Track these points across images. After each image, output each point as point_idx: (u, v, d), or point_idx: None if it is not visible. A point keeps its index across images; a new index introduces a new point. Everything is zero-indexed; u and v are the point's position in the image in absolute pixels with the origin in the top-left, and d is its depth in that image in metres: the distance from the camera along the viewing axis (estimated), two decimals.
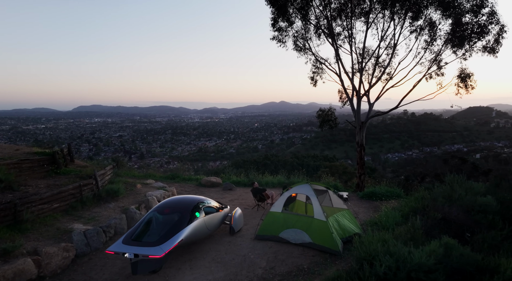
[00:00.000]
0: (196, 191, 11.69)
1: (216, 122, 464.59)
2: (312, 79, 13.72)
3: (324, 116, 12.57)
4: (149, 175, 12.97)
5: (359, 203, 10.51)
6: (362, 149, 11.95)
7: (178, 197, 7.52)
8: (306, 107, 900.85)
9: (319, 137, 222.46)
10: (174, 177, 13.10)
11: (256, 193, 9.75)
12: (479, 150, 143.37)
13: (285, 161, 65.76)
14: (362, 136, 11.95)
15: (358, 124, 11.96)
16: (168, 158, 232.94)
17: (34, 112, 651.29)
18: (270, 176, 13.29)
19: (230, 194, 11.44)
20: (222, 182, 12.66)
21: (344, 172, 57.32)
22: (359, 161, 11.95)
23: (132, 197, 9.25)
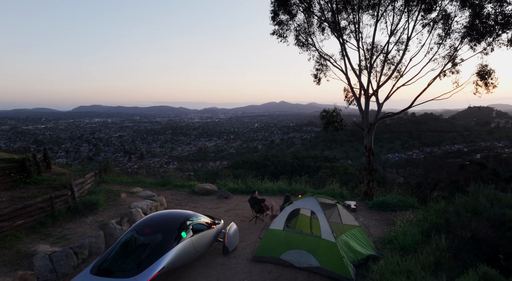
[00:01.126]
0: (188, 199, 10.63)
1: (216, 122, 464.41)
2: (315, 77, 12.67)
3: (328, 118, 11.51)
4: (138, 181, 11.92)
5: (369, 214, 9.46)
6: (371, 153, 10.90)
7: (162, 213, 6.46)
8: (306, 107, 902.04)
9: (319, 137, 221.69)
10: (166, 184, 12.05)
11: (254, 203, 8.70)
12: (480, 150, 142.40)
13: (285, 162, 64.66)
14: (370, 139, 10.90)
15: (367, 126, 10.91)
16: (168, 158, 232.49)
17: (34, 112, 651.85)
18: (269, 182, 12.22)
19: (226, 203, 10.39)
20: (218, 189, 11.60)
21: (345, 172, 56.24)
22: (367, 167, 10.89)
23: (114, 208, 8.20)
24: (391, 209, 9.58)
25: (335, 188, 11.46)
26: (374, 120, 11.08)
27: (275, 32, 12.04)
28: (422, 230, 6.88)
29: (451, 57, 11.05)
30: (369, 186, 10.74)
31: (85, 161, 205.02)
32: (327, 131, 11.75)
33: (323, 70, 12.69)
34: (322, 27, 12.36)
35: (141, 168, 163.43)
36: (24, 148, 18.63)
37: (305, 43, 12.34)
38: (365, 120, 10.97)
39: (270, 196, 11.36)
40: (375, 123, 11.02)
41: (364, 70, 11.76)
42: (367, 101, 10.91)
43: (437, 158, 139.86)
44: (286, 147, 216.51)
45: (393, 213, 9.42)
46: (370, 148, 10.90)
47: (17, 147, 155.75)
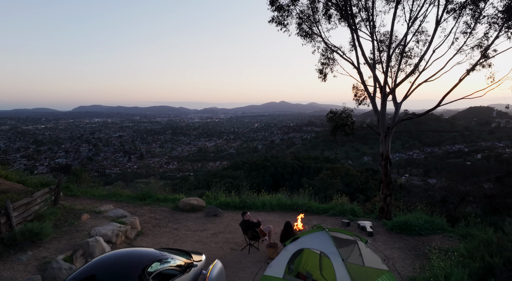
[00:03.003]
0: (169, 218, 8.84)
1: (216, 122, 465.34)
2: (320, 73, 10.86)
3: (337, 120, 9.69)
4: (114, 195, 10.13)
5: (389, 239, 7.67)
6: (388, 162, 9.10)
7: (116, 254, 4.65)
8: (306, 107, 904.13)
9: (319, 137, 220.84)
10: (146, 197, 10.26)
11: (247, 228, 6.93)
12: (480, 150, 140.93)
13: (285, 163, 62.81)
14: (387, 146, 9.12)
15: (383, 130, 9.12)
16: (167, 158, 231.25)
17: (34, 112, 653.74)
18: (268, 195, 10.41)
19: (215, 223, 8.60)
20: (206, 205, 9.80)
21: (347, 174, 54.56)
22: (383, 178, 9.10)
23: (67, 237, 6.42)
24: (416, 232, 7.78)
25: (345, 202, 9.66)
26: (391, 123, 9.29)
27: (274, 19, 10.26)
28: (470, 272, 5.11)
29: (483, 48, 9.27)
30: (386, 202, 8.93)
31: (84, 161, 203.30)
32: (336, 136, 9.93)
33: (329, 65, 10.90)
34: (329, 15, 10.59)
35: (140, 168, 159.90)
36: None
37: (309, 33, 10.56)
38: (381, 123, 9.16)
39: (268, 212, 9.58)
40: (393, 127, 9.21)
41: (378, 64, 9.99)
42: (383, 100, 9.11)
43: (437, 158, 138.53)
44: (286, 147, 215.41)
45: (419, 238, 7.64)
46: (387, 156, 9.10)
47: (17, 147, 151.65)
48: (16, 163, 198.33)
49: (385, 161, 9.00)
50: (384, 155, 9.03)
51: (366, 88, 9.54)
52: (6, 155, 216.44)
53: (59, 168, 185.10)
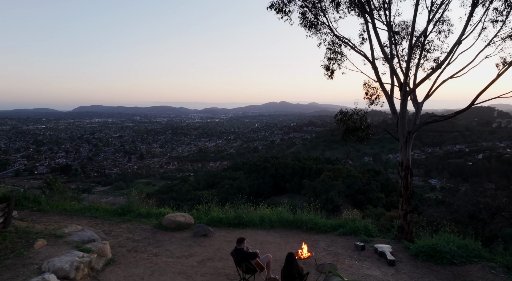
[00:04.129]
0: (150, 240, 7.42)
1: (217, 122, 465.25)
2: (327, 69, 9.49)
3: (347, 122, 8.29)
4: (89, 209, 8.72)
5: (415, 269, 6.23)
6: (409, 172, 7.68)
7: None
8: (307, 107, 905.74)
9: (320, 137, 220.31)
10: (125, 212, 8.83)
11: (241, 259, 5.52)
12: (481, 150, 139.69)
13: (286, 164, 61.45)
14: (408, 153, 7.71)
15: (403, 135, 7.72)
16: (168, 158, 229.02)
17: (34, 112, 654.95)
18: (267, 209, 8.99)
19: (203, 246, 7.17)
20: (195, 222, 8.39)
21: (348, 175, 53.16)
22: (403, 192, 7.68)
23: (8, 275, 5.00)
24: (448, 261, 6.34)
25: (356, 218, 8.25)
26: (411, 126, 7.88)
27: (273, 6, 8.88)
28: None
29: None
30: (407, 219, 7.50)
31: (84, 161, 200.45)
32: (347, 142, 8.51)
33: (337, 60, 9.53)
34: (337, 2, 9.21)
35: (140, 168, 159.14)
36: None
37: (314, 23, 9.18)
38: (400, 126, 7.76)
39: (267, 230, 8.17)
40: (414, 131, 7.81)
41: (395, 58, 8.61)
42: (404, 99, 7.68)
43: (438, 158, 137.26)
44: (286, 147, 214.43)
45: (452, 268, 6.21)
46: (408, 165, 7.68)
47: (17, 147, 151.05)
48: (16, 163, 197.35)
49: (405, 171, 7.58)
50: (404, 164, 7.61)
51: (383, 85, 8.14)
52: (6, 155, 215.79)
53: (59, 168, 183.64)
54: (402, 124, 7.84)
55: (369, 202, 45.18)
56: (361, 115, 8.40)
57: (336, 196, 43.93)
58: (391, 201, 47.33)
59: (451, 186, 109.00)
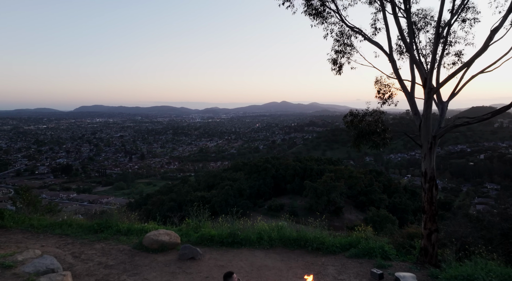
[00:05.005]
0: (126, 264, 6.23)
1: (218, 122, 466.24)
2: (334, 63, 8.39)
3: (359, 125, 7.18)
4: (60, 225, 7.59)
5: None
6: (433, 184, 6.51)
7: None
8: (308, 107, 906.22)
9: (321, 137, 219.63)
10: (103, 228, 7.66)
11: None
12: (483, 150, 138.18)
13: (287, 165, 60.32)
14: (432, 161, 6.55)
15: (427, 140, 6.56)
16: (168, 158, 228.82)
17: (36, 112, 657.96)
18: (266, 224, 7.82)
19: (189, 273, 6.00)
20: (182, 240, 7.26)
21: (350, 176, 52.10)
22: (427, 207, 6.50)
23: None
24: None
25: (370, 236, 7.10)
26: (436, 129, 6.71)
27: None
28: None
29: None
30: (431, 240, 6.32)
31: (85, 161, 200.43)
32: (359, 148, 7.35)
33: (345, 53, 8.41)
34: None
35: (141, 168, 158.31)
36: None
37: (320, 11, 8.04)
38: (424, 130, 6.56)
39: (266, 250, 7.04)
40: (440, 136, 6.64)
41: (407, 52, 7.47)
42: (428, 98, 6.48)
43: (440, 158, 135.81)
44: (287, 147, 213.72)
45: None
46: (432, 175, 6.50)
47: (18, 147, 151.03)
48: (17, 163, 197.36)
49: (430, 183, 6.39)
50: (429, 175, 6.40)
51: (402, 81, 6.96)
52: (8, 155, 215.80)
53: (60, 168, 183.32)
54: (426, 127, 6.58)
55: (371, 204, 44.15)
56: (377, 116, 7.19)
57: (338, 197, 42.90)
58: (393, 203, 46.22)
59: (453, 186, 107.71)
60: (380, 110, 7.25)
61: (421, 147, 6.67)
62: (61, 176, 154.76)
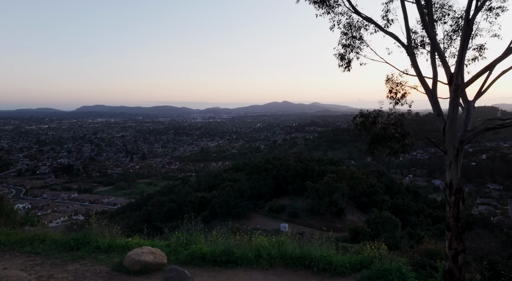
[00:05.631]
0: None
1: (219, 122, 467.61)
2: (341, 59, 7.60)
3: (373, 128, 6.33)
4: (31, 240, 6.64)
5: None
6: (460, 197, 5.58)
7: None
8: (309, 107, 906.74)
9: (322, 137, 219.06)
10: (79, 245, 6.62)
11: None
12: (485, 150, 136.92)
13: (288, 165, 59.52)
14: (459, 170, 5.65)
15: (452, 145, 5.63)
16: (170, 158, 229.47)
17: (37, 112, 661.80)
18: (264, 239, 6.90)
19: None
20: (168, 259, 6.38)
21: (352, 177, 51.25)
22: (452, 224, 5.55)
23: None
24: None
25: (384, 254, 6.19)
26: (462, 133, 5.77)
27: None
28: None
29: None
30: (457, 262, 5.39)
31: (86, 161, 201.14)
32: (375, 155, 6.43)
33: (354, 47, 7.56)
34: None
35: (142, 168, 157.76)
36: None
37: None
38: (449, 134, 5.60)
39: (264, 271, 6.13)
40: (468, 141, 5.69)
41: (427, 45, 6.61)
42: (455, 97, 5.50)
43: (441, 159, 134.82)
44: (288, 147, 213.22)
45: None
46: (459, 187, 5.58)
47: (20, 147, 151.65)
48: (18, 163, 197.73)
49: (456, 196, 5.46)
50: (455, 187, 5.47)
51: (422, 78, 6.01)
52: (9, 155, 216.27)
53: (61, 168, 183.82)
54: (451, 131, 5.69)
55: (373, 205, 43.38)
56: (395, 119, 6.21)
57: (340, 199, 42.11)
58: (396, 204, 45.37)
59: None
60: (400, 112, 6.34)
61: (445, 154, 5.72)
62: (62, 176, 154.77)
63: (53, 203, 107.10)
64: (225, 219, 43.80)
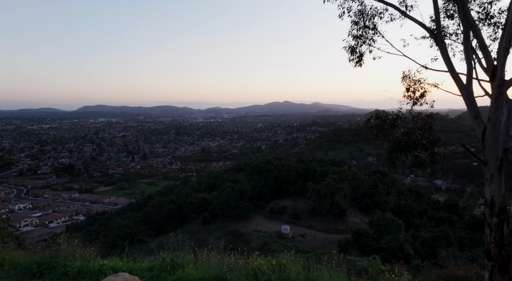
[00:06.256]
0: None
1: (220, 122, 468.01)
2: (352, 52, 6.82)
3: (391, 133, 5.49)
4: None
5: None
6: (505, 218, 4.62)
7: None
8: (310, 107, 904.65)
9: (323, 137, 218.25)
10: (43, 271, 5.54)
11: None
12: None
13: (289, 166, 58.90)
14: (502, 184, 4.79)
15: (495, 154, 4.80)
16: (171, 158, 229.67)
17: (39, 112, 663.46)
18: (262, 260, 5.99)
19: None
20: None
21: (354, 178, 50.58)
22: (494, 251, 4.50)
23: None
24: None
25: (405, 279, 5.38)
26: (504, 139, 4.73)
27: None
28: None
29: None
30: None
31: (88, 161, 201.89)
32: (395, 165, 5.53)
33: (367, 39, 6.77)
34: None
35: (143, 168, 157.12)
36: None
37: None
38: (490, 141, 4.81)
39: None
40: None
41: (451, 35, 5.91)
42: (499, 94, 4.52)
43: (443, 159, 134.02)
44: (289, 147, 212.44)
45: None
46: (503, 206, 4.62)
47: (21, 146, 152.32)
48: (20, 163, 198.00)
49: (499, 217, 4.58)
50: (497, 205, 4.61)
51: (454, 71, 5.09)
52: (11, 155, 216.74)
53: (62, 168, 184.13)
54: (493, 136, 4.68)
55: (376, 206, 42.75)
56: (423, 121, 5.19)
57: (342, 200, 41.49)
58: (399, 205, 44.69)
59: (456, 187, 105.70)
60: (427, 113, 5.51)
61: (485, 165, 4.85)
62: (64, 176, 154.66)
63: (54, 203, 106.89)
64: (226, 220, 43.31)
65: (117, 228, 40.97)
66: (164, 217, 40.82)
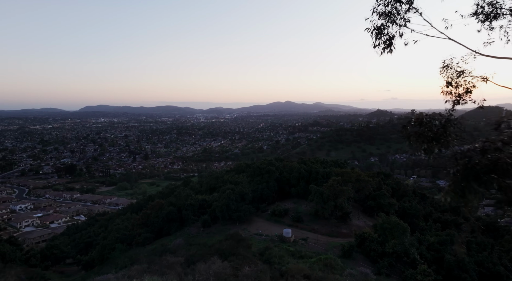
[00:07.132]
0: None
1: (222, 122, 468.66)
2: (378, 34, 5.14)
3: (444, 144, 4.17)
4: None
5: None
6: None
7: None
8: (312, 107, 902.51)
9: (325, 137, 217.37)
10: None
11: None
12: None
13: (291, 167, 58.12)
14: None
15: None
16: (172, 158, 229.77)
17: (42, 112, 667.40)
18: None
19: None
20: None
21: (357, 179, 49.77)
22: None
23: None
24: None
25: None
26: None
27: None
28: None
29: None
30: None
31: (89, 161, 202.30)
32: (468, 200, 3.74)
33: (398, 17, 5.06)
34: None
35: (145, 168, 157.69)
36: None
37: None
38: None
39: None
40: None
41: None
42: None
43: (446, 159, 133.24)
44: (291, 147, 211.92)
45: None
46: None
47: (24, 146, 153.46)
48: (22, 163, 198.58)
49: None
50: None
51: None
52: (13, 155, 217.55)
53: (64, 168, 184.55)
54: None
55: (380, 208, 41.93)
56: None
57: (345, 202, 40.73)
58: (403, 207, 43.89)
59: None
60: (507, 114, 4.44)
61: None
62: (65, 176, 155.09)
63: (55, 203, 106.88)
64: (226, 223, 42.62)
65: (116, 230, 40.49)
66: (163, 219, 40.26)
